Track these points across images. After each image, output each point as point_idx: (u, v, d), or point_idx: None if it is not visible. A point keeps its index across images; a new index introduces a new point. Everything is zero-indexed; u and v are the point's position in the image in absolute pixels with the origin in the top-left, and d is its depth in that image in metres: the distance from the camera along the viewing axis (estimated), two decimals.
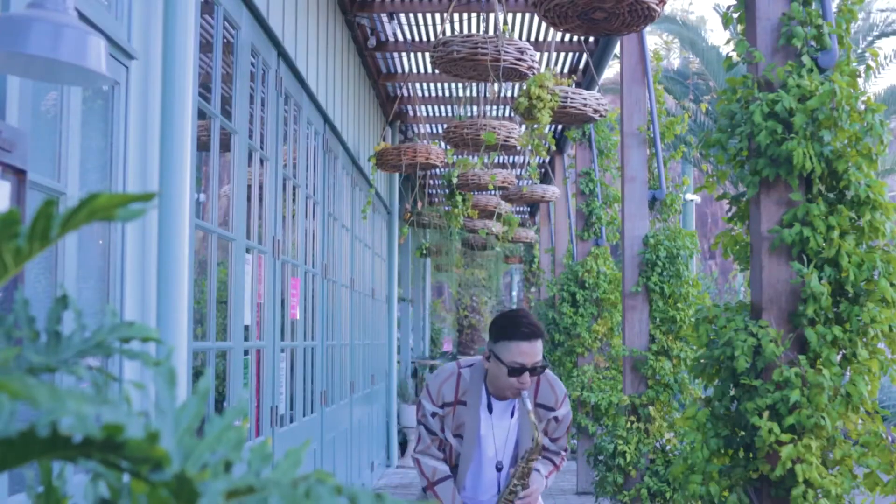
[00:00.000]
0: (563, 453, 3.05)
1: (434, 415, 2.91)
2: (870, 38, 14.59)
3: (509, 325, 2.79)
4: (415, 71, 8.71)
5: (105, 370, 0.65)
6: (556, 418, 2.98)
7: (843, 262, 3.15)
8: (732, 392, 3.37)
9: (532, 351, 2.76)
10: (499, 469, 2.97)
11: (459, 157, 9.25)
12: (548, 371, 2.95)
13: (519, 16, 7.37)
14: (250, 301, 4.17)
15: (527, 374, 2.77)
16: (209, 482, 0.53)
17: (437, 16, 7.37)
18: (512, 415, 2.96)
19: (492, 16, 6.47)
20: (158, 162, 2.84)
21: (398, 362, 10.61)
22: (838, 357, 3.20)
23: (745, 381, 3.25)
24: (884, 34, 14.49)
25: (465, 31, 7.72)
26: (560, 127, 10.12)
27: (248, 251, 4.15)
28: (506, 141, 6.81)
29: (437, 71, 6.32)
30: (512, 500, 2.88)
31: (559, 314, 8.65)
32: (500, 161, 12.04)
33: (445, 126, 7.14)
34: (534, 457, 2.85)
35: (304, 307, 5.50)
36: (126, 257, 2.71)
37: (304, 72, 5.35)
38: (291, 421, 5.11)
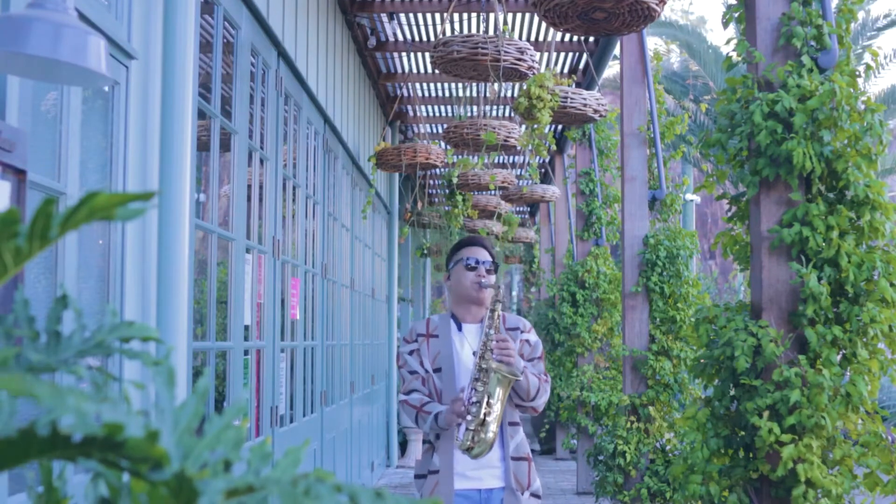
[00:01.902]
0: (544, 377, 3.13)
1: (412, 352, 3.12)
2: (870, 34, 14.57)
3: (459, 242, 3.27)
4: (415, 71, 8.71)
5: (105, 370, 0.65)
6: (528, 341, 3.15)
7: (842, 262, 3.15)
8: (732, 392, 3.37)
9: (482, 253, 3.17)
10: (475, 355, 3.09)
11: (459, 157, 9.25)
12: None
13: (519, 16, 7.37)
14: (250, 301, 4.17)
15: (482, 267, 3.13)
16: (209, 481, 0.53)
17: (437, 16, 7.37)
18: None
19: (492, 16, 6.47)
20: (158, 162, 2.84)
21: None
22: (838, 357, 3.20)
23: (745, 381, 3.25)
24: (882, 29, 14.47)
25: (465, 31, 7.72)
26: (560, 127, 10.13)
27: (248, 251, 4.16)
28: (506, 141, 6.81)
29: (437, 71, 6.32)
30: (489, 348, 2.96)
31: (559, 314, 8.66)
32: (500, 161, 12.04)
33: (445, 126, 7.14)
34: (497, 297, 3.04)
35: (304, 307, 5.50)
36: (126, 257, 2.71)
37: (304, 72, 5.35)
38: (291, 421, 5.11)
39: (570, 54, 8.21)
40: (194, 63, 2.99)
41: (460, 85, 8.87)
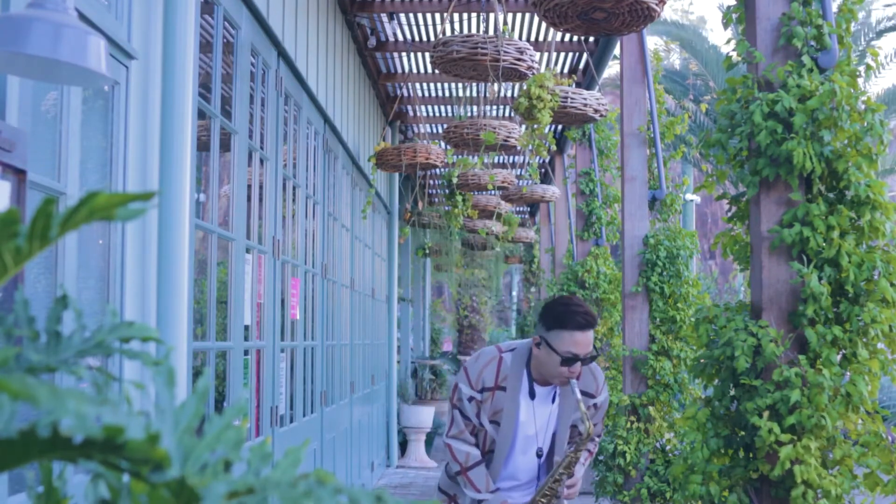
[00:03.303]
0: (597, 439, 3.02)
1: (471, 399, 2.83)
2: (871, 36, 14.56)
3: (566, 314, 2.72)
4: (415, 71, 8.71)
5: (105, 370, 0.65)
6: (595, 405, 2.96)
7: (843, 262, 3.15)
8: (732, 392, 3.37)
9: (586, 341, 2.72)
10: (539, 455, 2.91)
11: (459, 157, 9.25)
12: None
13: (519, 16, 7.37)
14: (250, 301, 4.17)
15: (579, 363, 2.73)
16: (210, 485, 0.53)
17: (437, 16, 7.37)
18: (553, 400, 2.90)
19: (492, 16, 6.47)
20: (158, 162, 2.84)
21: (398, 362, 10.61)
22: (838, 357, 3.20)
23: (745, 381, 3.25)
24: (884, 31, 14.46)
25: (465, 31, 7.72)
26: (560, 127, 10.12)
27: (248, 251, 4.15)
28: (506, 141, 6.81)
29: (437, 71, 6.32)
30: (556, 490, 2.82)
31: None
32: (500, 161, 12.03)
33: (445, 126, 7.14)
34: (583, 447, 2.82)
35: (304, 307, 5.49)
36: (126, 257, 2.71)
37: (304, 72, 5.35)
38: (291, 421, 5.10)
39: (570, 54, 8.21)
40: (194, 63, 2.99)
41: (460, 85, 8.87)
